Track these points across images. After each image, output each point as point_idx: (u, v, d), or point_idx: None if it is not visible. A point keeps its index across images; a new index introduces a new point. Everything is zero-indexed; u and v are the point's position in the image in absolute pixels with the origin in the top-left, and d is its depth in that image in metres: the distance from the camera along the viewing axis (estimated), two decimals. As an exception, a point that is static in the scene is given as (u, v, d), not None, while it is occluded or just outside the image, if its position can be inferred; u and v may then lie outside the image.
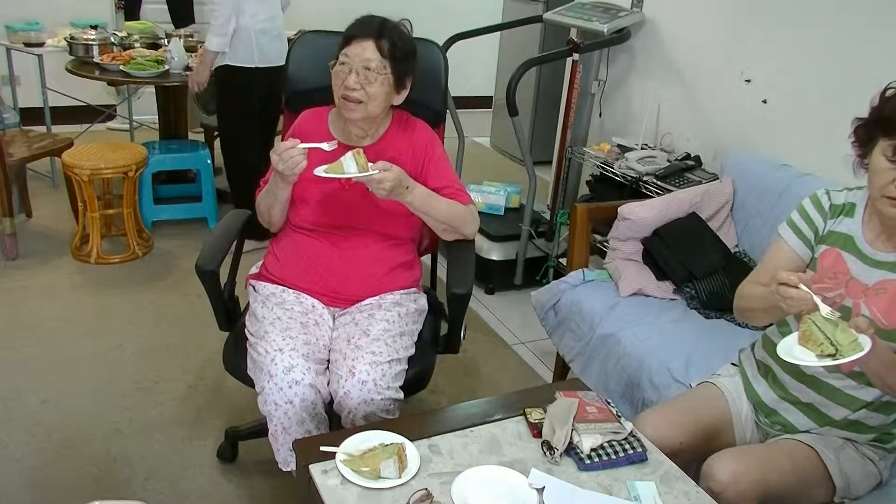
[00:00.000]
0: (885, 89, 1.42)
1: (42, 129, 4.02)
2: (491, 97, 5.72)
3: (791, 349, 1.36)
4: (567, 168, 3.40)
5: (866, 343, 1.28)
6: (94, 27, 3.89)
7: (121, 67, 3.56)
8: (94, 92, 4.79)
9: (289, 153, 1.71)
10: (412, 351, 1.80)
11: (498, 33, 4.91)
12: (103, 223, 3.47)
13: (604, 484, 1.39)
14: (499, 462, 1.41)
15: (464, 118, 3.62)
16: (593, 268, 2.52)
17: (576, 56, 3.21)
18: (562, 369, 2.59)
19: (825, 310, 1.32)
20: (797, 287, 1.34)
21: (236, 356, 1.84)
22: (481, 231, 3.05)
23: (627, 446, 1.46)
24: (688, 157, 2.91)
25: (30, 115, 4.34)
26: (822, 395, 1.55)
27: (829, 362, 1.30)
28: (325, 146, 1.75)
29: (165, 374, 2.57)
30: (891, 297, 1.46)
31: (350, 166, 1.67)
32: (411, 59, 1.87)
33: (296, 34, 2.46)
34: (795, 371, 1.57)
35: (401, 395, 1.71)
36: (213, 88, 3.39)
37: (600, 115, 3.49)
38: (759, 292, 1.56)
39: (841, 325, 1.31)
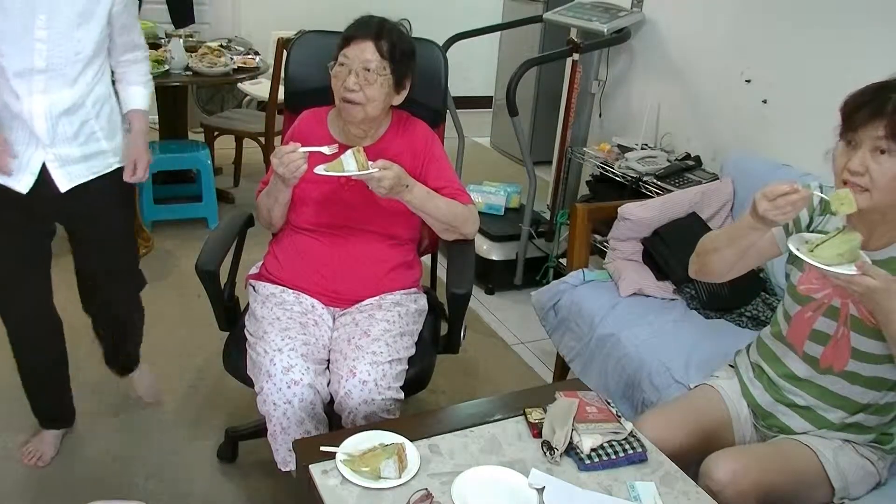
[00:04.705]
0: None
1: (42, 129, 4.01)
2: (491, 97, 5.72)
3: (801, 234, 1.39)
4: (567, 168, 3.40)
5: (845, 267, 1.26)
6: (94, 27, 3.88)
7: (121, 67, 3.55)
8: (94, 92, 4.78)
9: (289, 157, 1.70)
10: (412, 351, 1.80)
11: (498, 33, 4.91)
12: (103, 223, 3.46)
13: (604, 484, 1.39)
14: (499, 462, 1.41)
15: (464, 118, 3.62)
16: (593, 268, 2.51)
17: (576, 56, 3.21)
18: (562, 369, 2.59)
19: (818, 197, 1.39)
20: (797, 192, 1.34)
21: (236, 356, 1.84)
22: (481, 231, 3.05)
23: (627, 446, 1.46)
24: (688, 157, 2.91)
25: (30, 115, 4.33)
26: (816, 398, 1.54)
27: (795, 253, 1.31)
28: (325, 149, 1.74)
29: (165, 373, 2.57)
30: None
31: (350, 164, 1.67)
32: (410, 60, 1.87)
33: (296, 34, 2.46)
34: (789, 374, 1.57)
35: (401, 395, 1.71)
36: (212, 89, 3.38)
37: (600, 115, 3.49)
38: (723, 231, 1.57)
39: (837, 238, 1.29)
